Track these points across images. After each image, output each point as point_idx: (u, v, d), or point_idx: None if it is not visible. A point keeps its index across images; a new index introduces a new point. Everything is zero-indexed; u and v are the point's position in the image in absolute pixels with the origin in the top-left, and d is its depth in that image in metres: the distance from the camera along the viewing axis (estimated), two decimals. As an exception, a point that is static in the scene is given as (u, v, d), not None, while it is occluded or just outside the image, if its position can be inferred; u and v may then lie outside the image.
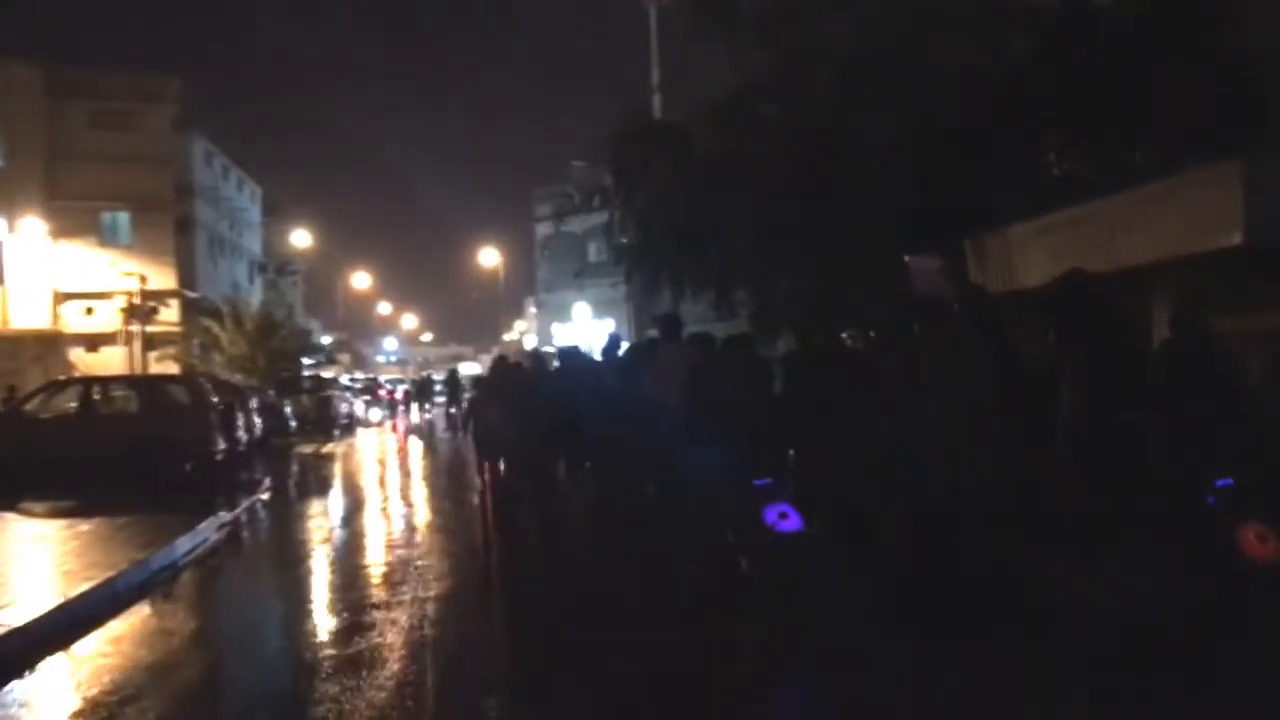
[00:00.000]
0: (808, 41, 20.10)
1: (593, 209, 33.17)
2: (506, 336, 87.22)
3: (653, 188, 22.02)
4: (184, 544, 10.64)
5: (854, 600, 6.95)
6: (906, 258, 17.58)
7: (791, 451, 8.64)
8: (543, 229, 55.83)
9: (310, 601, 9.13)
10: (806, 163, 18.68)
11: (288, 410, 28.64)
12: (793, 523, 7.33)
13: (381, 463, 24.16)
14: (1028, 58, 16.52)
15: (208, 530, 11.69)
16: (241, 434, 20.27)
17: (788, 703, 5.86)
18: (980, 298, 8.71)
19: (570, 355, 13.48)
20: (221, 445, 18.30)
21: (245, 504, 14.42)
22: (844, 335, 20.07)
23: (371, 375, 55.51)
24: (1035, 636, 5.82)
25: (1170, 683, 5.09)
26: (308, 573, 10.21)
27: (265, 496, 15.88)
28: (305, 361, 40.59)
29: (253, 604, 9.50)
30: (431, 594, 8.62)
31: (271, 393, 29.73)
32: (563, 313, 53.36)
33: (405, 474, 20.76)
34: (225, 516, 12.81)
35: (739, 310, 24.14)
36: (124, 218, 35.28)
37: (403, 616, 7.76)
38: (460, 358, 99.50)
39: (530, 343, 61.57)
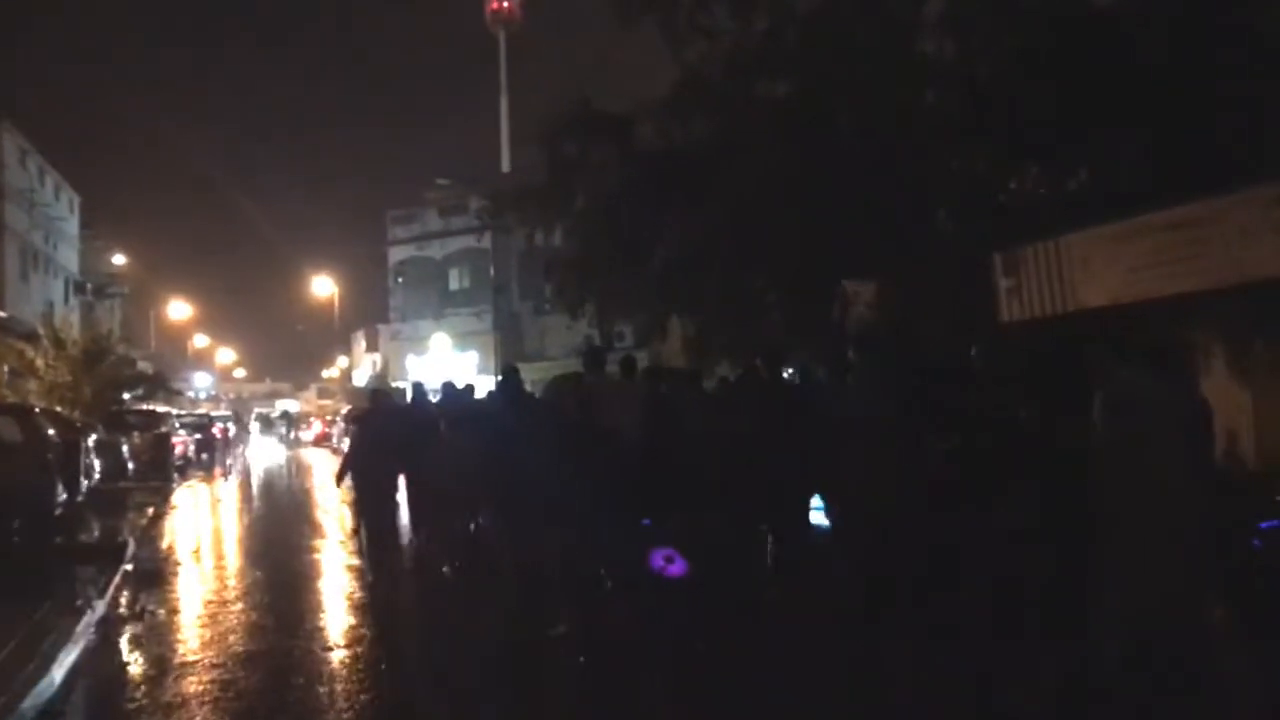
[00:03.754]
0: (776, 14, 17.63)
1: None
2: (326, 373, 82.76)
3: (592, 184, 19.01)
4: (63, 660, 6.78)
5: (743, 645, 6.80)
6: (844, 283, 15.82)
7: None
8: (397, 253, 51.63)
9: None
10: (762, 158, 16.27)
11: (125, 450, 23.99)
12: (679, 567, 7.12)
13: (253, 516, 20.05)
14: (1014, 55, 14.38)
15: (85, 632, 7.79)
16: (82, 481, 16.03)
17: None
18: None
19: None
20: (61, 495, 14.10)
21: (114, 582, 10.41)
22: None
23: (204, 411, 49.92)
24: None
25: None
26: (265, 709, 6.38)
27: (130, 568, 11.84)
28: (126, 396, 35.51)
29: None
30: None
31: (102, 429, 25.02)
32: (419, 344, 49.20)
33: (294, 533, 16.60)
34: (99, 606, 8.88)
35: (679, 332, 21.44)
36: (-83, 219, 29.62)
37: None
38: (277, 394, 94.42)
39: (360, 379, 57.29)
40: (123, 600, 9.88)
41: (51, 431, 14.66)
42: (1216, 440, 5.41)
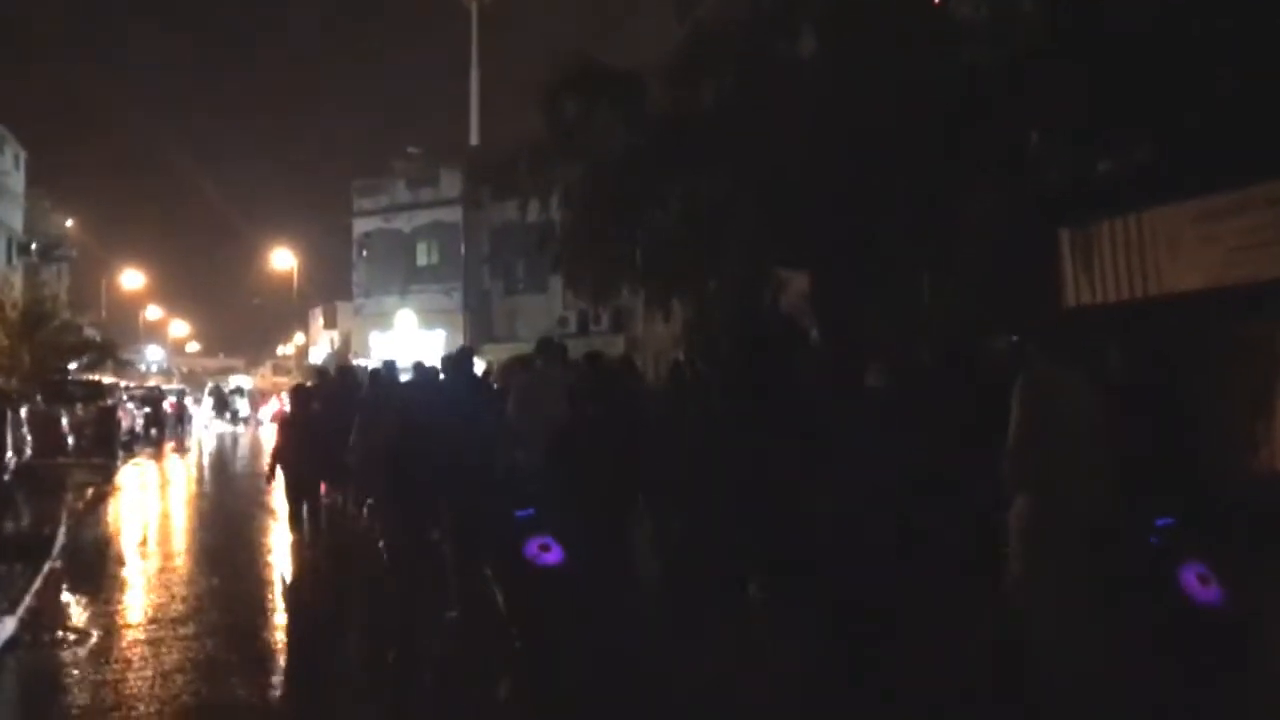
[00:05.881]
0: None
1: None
2: (282, 350, 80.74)
3: (594, 147, 17.18)
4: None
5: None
6: (778, 270, 15.90)
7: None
8: (362, 225, 49.32)
9: None
10: (783, 120, 14.69)
11: (64, 424, 21.84)
12: (554, 555, 6.79)
13: (206, 501, 18.08)
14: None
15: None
16: (10, 456, 14.04)
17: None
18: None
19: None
20: (-19, 476, 12.13)
21: (34, 589, 8.48)
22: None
23: (154, 384, 47.50)
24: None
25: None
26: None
27: (60, 565, 9.91)
28: (71, 365, 33.31)
29: None
30: None
31: (40, 400, 22.93)
32: (383, 321, 47.07)
33: (252, 523, 14.57)
34: (7, 625, 7.00)
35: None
36: None
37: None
38: (231, 370, 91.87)
39: (318, 356, 55.17)
40: (41, 616, 7.93)
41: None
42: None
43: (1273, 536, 6.58)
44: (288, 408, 13.98)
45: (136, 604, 8.87)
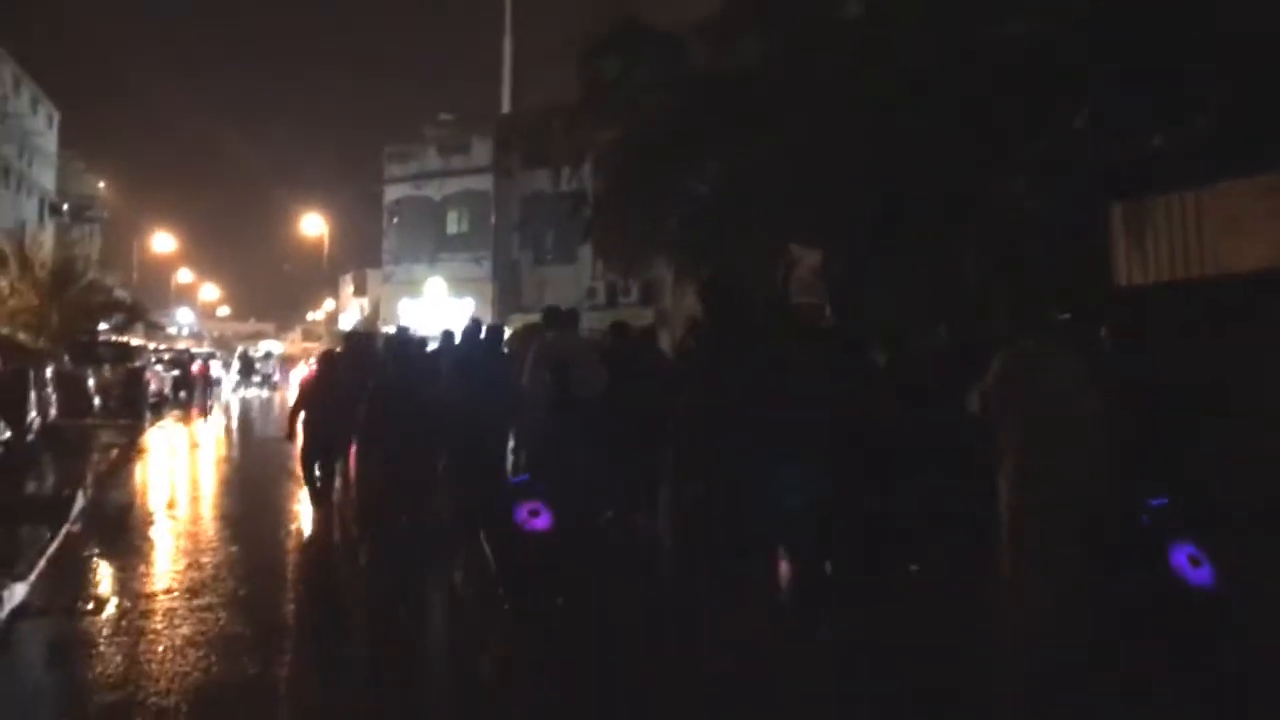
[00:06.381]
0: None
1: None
2: (312, 315, 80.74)
3: (632, 108, 16.70)
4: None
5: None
6: (791, 246, 15.59)
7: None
8: (393, 192, 49.02)
9: None
10: (826, 84, 14.17)
11: (91, 384, 21.75)
12: (543, 520, 6.73)
13: (232, 465, 17.88)
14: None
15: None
16: (33, 416, 13.85)
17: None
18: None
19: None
20: (4, 434, 11.92)
21: (49, 553, 8.24)
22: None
23: (184, 347, 47.47)
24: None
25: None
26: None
27: (78, 529, 9.68)
28: (101, 327, 33.26)
29: None
30: None
31: (67, 360, 22.86)
32: (412, 288, 46.79)
33: (278, 489, 14.31)
34: (16, 593, 6.75)
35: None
36: (-126, 122, 27.08)
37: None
38: (261, 335, 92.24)
39: (348, 322, 55.09)
40: (53, 582, 7.68)
41: (-2, 361, 12.49)
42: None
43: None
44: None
45: (153, 571, 8.60)
